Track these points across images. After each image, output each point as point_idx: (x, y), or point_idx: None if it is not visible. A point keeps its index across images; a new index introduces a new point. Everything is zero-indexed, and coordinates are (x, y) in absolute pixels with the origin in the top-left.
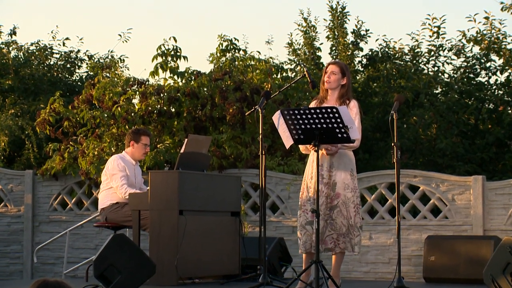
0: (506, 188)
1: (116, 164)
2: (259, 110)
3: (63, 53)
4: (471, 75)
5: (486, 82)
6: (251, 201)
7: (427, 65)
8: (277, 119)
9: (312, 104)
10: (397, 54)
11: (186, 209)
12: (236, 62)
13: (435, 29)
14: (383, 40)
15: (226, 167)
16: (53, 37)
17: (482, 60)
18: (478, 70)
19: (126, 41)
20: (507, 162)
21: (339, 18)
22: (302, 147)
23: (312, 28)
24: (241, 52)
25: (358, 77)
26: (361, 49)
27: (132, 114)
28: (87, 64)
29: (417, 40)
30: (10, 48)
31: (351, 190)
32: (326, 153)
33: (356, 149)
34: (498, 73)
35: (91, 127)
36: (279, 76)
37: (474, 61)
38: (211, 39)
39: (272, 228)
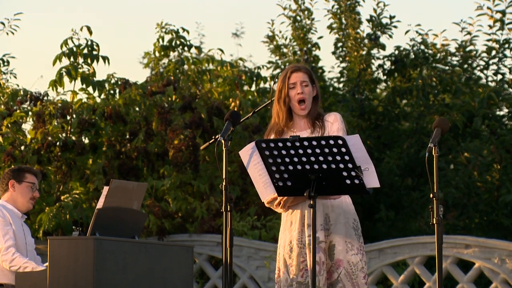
0: None
1: None
2: (222, 141)
3: None
4: None
5: None
6: (209, 285)
7: (485, 71)
8: (249, 155)
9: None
10: (438, 55)
11: None
12: (186, 66)
13: (498, 16)
14: (417, 32)
15: (170, 232)
16: None
17: None
18: None
19: (12, 32)
20: None
21: None
22: (271, 200)
23: (306, 13)
24: (193, 50)
25: (378, 91)
26: (383, 47)
27: (22, 147)
28: None
29: (469, 33)
30: None
31: (357, 251)
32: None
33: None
34: None
35: None
36: (253, 87)
37: None
38: (147, 31)
39: None
